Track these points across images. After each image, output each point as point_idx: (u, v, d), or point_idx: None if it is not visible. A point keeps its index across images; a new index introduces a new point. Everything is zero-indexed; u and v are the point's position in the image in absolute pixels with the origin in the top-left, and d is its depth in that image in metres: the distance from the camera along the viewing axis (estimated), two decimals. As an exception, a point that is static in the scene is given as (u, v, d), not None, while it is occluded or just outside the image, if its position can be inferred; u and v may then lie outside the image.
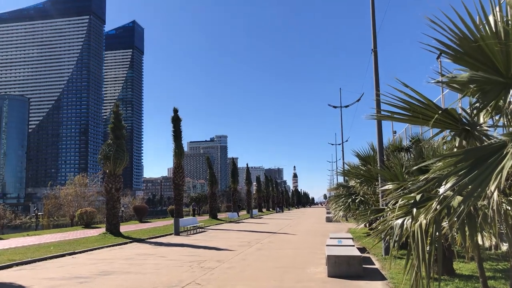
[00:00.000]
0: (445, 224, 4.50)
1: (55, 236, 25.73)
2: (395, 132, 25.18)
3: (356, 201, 17.29)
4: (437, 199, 4.35)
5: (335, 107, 47.63)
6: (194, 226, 30.31)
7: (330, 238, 16.71)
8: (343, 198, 18.21)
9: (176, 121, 39.45)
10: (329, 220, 42.17)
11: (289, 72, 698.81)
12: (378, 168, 14.22)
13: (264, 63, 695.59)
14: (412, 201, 4.93)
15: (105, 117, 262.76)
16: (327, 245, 14.15)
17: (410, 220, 4.86)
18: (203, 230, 31.84)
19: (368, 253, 16.31)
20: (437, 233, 4.37)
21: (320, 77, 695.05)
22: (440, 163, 4.25)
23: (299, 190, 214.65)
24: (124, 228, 29.88)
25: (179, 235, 27.38)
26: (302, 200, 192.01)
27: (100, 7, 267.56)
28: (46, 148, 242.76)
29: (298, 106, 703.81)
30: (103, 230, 27.93)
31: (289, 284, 10.96)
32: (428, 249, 4.41)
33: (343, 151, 52.79)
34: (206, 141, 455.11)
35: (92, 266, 14.40)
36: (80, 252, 18.20)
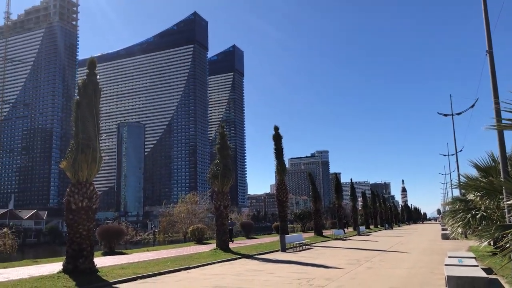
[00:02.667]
0: None
1: (171, 252, 27.49)
2: (518, 139, 22.56)
3: (477, 216, 15.73)
4: None
5: (445, 115, 44.30)
6: (300, 243, 30.17)
7: (449, 257, 15.40)
8: (461, 213, 16.72)
9: (277, 138, 40.02)
10: (445, 237, 38.98)
11: (392, 80, 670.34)
12: (502, 180, 12.82)
13: (365, 72, 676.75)
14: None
15: (211, 138, 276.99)
16: (446, 265, 13.05)
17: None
18: (309, 247, 31.54)
19: (495, 274, 14.67)
20: None
21: (427, 83, 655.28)
22: None
23: (409, 205, 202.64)
24: (232, 244, 30.84)
25: (285, 251, 27.46)
26: (413, 216, 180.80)
27: (203, 35, 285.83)
28: (160, 169, 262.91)
29: (404, 116, 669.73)
30: (213, 246, 29.10)
31: (406, 306, 10.28)
32: None
33: (457, 162, 48.54)
34: (307, 157, 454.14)
35: (205, 281, 15.05)
36: (194, 267, 19.14)
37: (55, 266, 18.30)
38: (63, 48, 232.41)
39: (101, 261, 19.61)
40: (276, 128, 40.11)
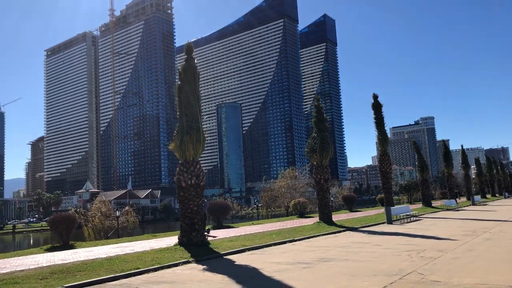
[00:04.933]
0: None
1: (275, 225, 28.21)
2: None
3: None
4: None
5: None
6: (407, 215, 28.95)
7: None
8: None
9: (376, 107, 38.32)
10: None
11: (501, 31, 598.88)
12: None
13: (472, 23, 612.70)
14: None
15: (306, 112, 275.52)
16: None
17: None
18: (417, 218, 30.12)
19: None
20: None
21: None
22: None
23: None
24: (335, 217, 30.65)
25: (391, 223, 26.57)
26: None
27: (292, 8, 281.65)
28: (258, 146, 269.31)
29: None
30: (316, 219, 29.22)
31: (535, 280, 9.31)
32: None
33: None
34: (410, 125, 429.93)
35: (311, 253, 15.19)
36: (298, 240, 19.42)
37: (171, 240, 19.90)
38: (161, 37, 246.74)
39: (211, 234, 20.80)
40: (375, 97, 38.38)
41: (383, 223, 27.07)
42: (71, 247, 20.10)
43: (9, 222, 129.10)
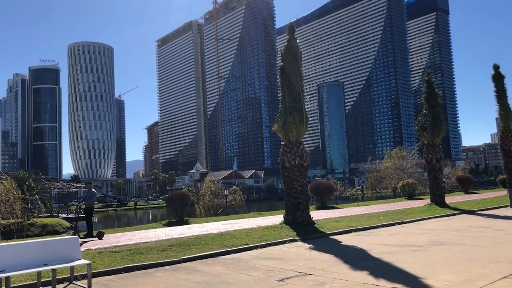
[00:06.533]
0: None
1: (381, 207, 27.33)
2: None
3: None
4: None
5: None
6: (535, 198, 25.91)
7: None
8: None
9: (497, 79, 34.36)
10: None
11: None
12: None
13: None
14: None
15: (414, 88, 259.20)
16: None
17: None
18: (547, 202, 26.80)
19: None
20: None
21: None
22: None
23: None
24: (448, 199, 28.69)
25: (516, 207, 24.08)
26: None
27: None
28: (362, 126, 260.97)
29: None
30: (426, 201, 27.68)
31: None
32: None
33: None
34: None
35: (422, 235, 14.43)
36: (408, 222, 18.54)
37: (276, 218, 20.40)
38: (262, 20, 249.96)
39: (315, 215, 20.84)
40: (496, 67, 34.40)
41: (506, 206, 24.71)
42: (186, 222, 21.70)
43: (131, 200, 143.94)
